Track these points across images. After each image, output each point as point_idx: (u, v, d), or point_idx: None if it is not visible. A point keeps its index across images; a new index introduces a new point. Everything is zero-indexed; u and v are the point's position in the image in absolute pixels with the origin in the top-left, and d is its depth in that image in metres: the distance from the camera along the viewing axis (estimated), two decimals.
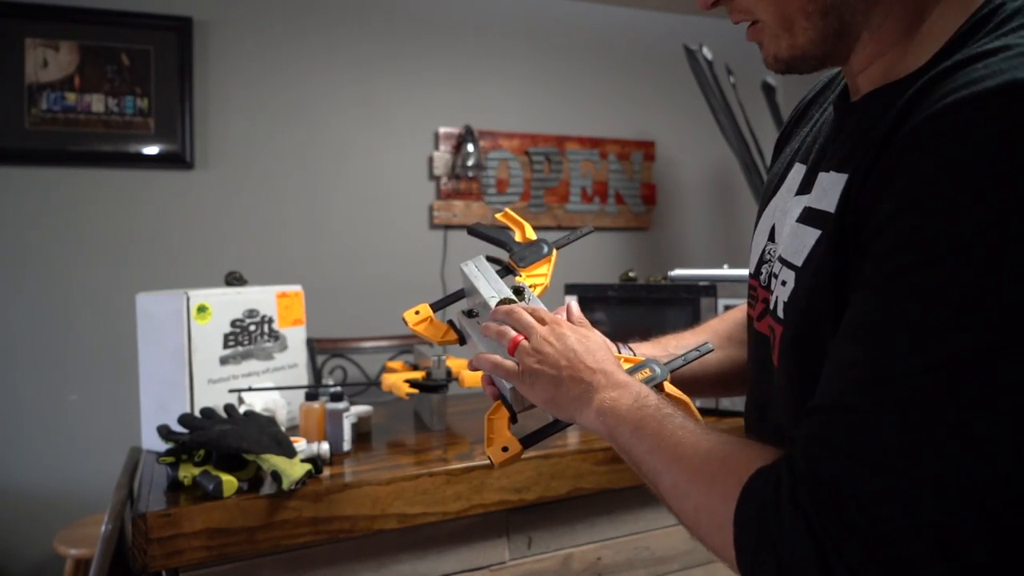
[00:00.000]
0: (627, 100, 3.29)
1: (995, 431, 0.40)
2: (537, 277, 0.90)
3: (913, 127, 0.45)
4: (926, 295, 0.42)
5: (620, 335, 1.06)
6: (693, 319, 1.61)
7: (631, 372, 0.72)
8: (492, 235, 0.93)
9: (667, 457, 0.56)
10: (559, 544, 1.26)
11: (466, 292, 0.90)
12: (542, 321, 0.72)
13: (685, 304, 1.62)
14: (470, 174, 2.96)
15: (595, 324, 1.02)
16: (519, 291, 0.85)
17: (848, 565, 0.41)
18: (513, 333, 0.72)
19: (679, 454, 0.55)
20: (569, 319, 0.79)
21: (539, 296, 0.87)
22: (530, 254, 0.90)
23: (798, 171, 0.66)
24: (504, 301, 0.81)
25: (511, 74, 3.09)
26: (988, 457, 0.40)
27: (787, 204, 0.65)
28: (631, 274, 1.80)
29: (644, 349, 0.88)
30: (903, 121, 0.46)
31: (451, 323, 0.87)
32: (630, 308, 1.70)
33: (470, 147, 2.90)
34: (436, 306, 0.89)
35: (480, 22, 3.05)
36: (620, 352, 0.86)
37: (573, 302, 0.82)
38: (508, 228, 0.95)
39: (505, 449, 0.74)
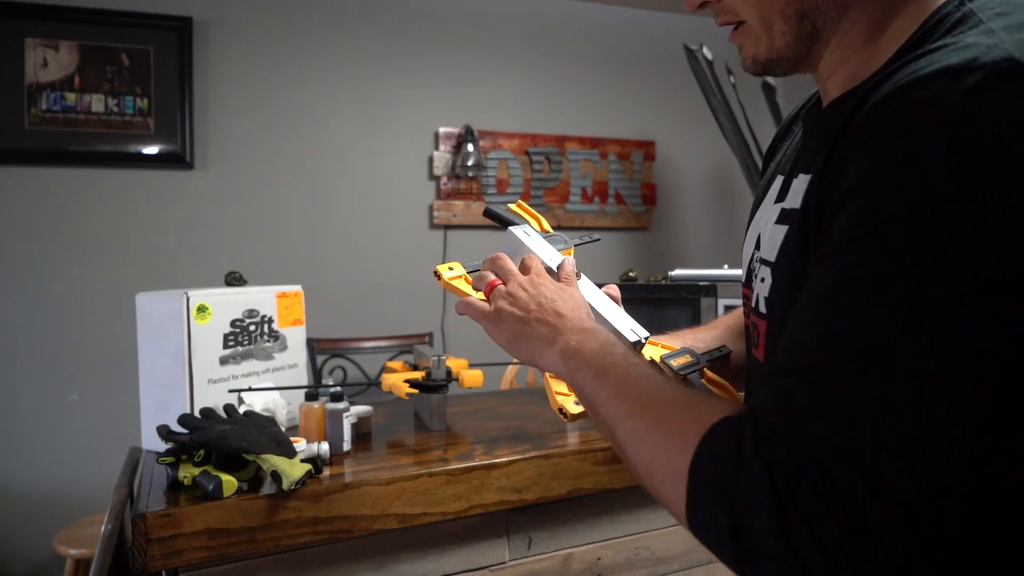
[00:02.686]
0: (627, 100, 3.29)
1: (948, 383, 0.40)
2: None
3: (860, 116, 0.48)
4: (872, 258, 0.43)
5: None
6: (693, 319, 1.61)
7: (674, 355, 0.72)
8: (509, 218, 0.89)
9: (629, 403, 0.55)
10: (559, 544, 1.26)
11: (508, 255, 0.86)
12: (527, 270, 0.73)
13: (685, 304, 1.62)
14: (470, 174, 2.96)
15: None
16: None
17: (808, 525, 0.41)
18: (492, 277, 0.73)
19: (642, 401, 0.54)
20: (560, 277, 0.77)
21: None
22: (552, 243, 0.86)
23: (778, 182, 0.69)
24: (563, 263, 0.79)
25: (511, 74, 3.09)
26: (943, 409, 0.40)
27: (769, 213, 0.68)
28: (631, 274, 1.80)
29: (664, 342, 0.88)
30: (854, 117, 0.50)
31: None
32: (630, 308, 1.69)
33: (470, 147, 2.90)
34: (469, 267, 0.85)
35: (480, 22, 3.05)
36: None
37: (615, 289, 0.82)
38: (522, 218, 0.91)
39: (578, 403, 0.67)
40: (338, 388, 1.23)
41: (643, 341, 0.75)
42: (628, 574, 1.32)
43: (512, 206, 0.94)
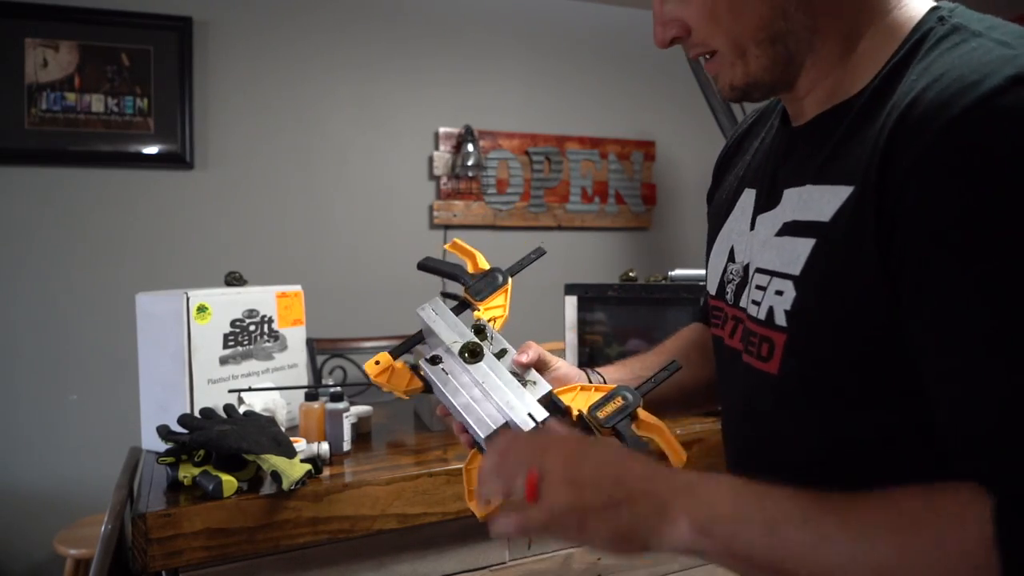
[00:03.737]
0: (627, 100, 3.29)
1: None
2: (495, 309, 0.86)
3: (934, 133, 0.47)
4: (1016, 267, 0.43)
5: (620, 335, 1.06)
6: (693, 319, 1.60)
7: (601, 403, 0.69)
8: (444, 269, 0.90)
9: (842, 540, 0.45)
10: (559, 544, 1.26)
11: (426, 336, 0.87)
12: (551, 444, 0.58)
13: (685, 304, 1.62)
14: (470, 174, 2.96)
15: (595, 324, 1.03)
16: (480, 330, 0.81)
17: None
18: (519, 477, 0.54)
19: (853, 531, 0.45)
20: (533, 366, 0.75)
21: (499, 329, 0.82)
22: (485, 286, 0.86)
23: (749, 195, 0.70)
24: (466, 346, 0.78)
25: (511, 74, 3.09)
26: None
27: (742, 225, 0.69)
28: (631, 274, 1.80)
29: (611, 373, 0.86)
30: (899, 131, 0.49)
31: (413, 369, 0.83)
32: (630, 308, 1.70)
33: (470, 147, 2.90)
34: (395, 353, 0.85)
35: (480, 22, 3.05)
36: (589, 378, 0.84)
37: (532, 348, 0.78)
38: (461, 259, 0.91)
39: (488, 501, 0.62)
40: (338, 388, 1.23)
41: (544, 420, 0.69)
42: (628, 574, 1.32)
43: (447, 246, 0.94)
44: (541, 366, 0.82)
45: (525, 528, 0.54)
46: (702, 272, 1.71)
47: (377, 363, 0.84)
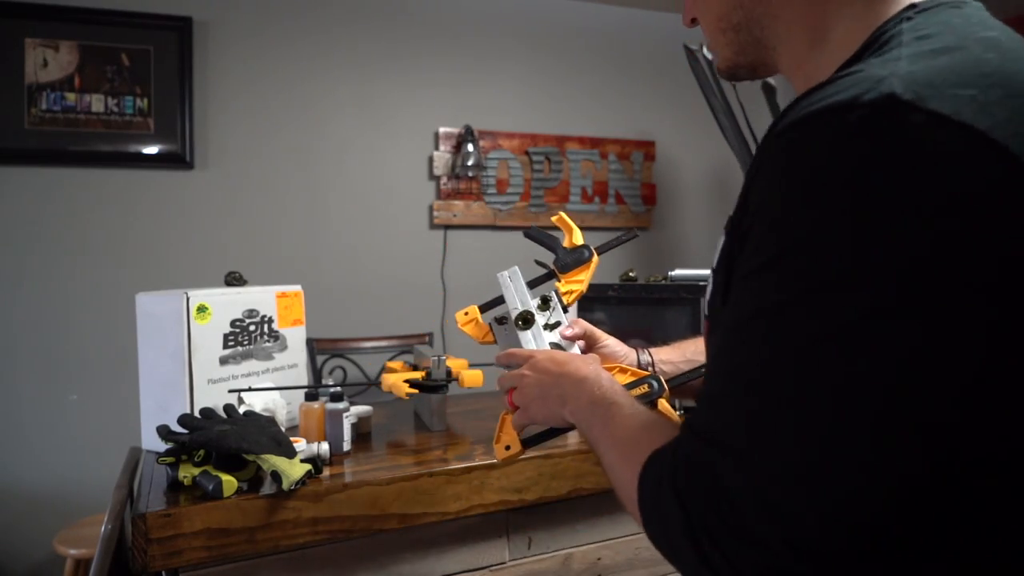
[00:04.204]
0: (627, 100, 3.29)
1: (834, 414, 0.42)
2: (574, 284, 0.98)
3: (763, 141, 0.51)
4: (768, 290, 0.46)
5: (620, 335, 1.07)
6: (693, 319, 1.61)
7: (630, 386, 0.80)
8: (544, 239, 1.02)
9: (607, 440, 0.65)
10: (559, 544, 1.26)
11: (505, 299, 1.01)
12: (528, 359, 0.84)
13: (685, 304, 1.62)
14: (470, 174, 2.96)
15: (595, 324, 1.05)
16: (545, 301, 0.95)
17: (720, 548, 0.45)
18: (508, 387, 0.84)
19: (615, 437, 0.63)
20: (584, 339, 0.98)
21: (572, 302, 0.96)
22: (572, 260, 0.98)
23: None
24: (521, 315, 0.93)
25: (511, 74, 3.09)
26: (828, 439, 0.42)
27: None
28: (631, 274, 1.80)
29: (663, 354, 0.97)
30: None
31: (490, 326, 0.98)
32: (630, 308, 1.70)
33: (470, 147, 2.90)
34: (483, 308, 1.01)
35: (480, 22, 3.05)
36: (639, 357, 0.98)
37: (579, 324, 0.93)
38: (561, 232, 1.04)
39: (508, 448, 0.83)
40: (338, 388, 1.23)
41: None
42: (628, 574, 1.32)
43: (553, 219, 1.07)
44: (591, 341, 1.01)
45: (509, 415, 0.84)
46: (702, 272, 1.71)
47: (466, 314, 0.99)
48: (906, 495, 0.42)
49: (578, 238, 1.00)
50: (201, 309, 1.26)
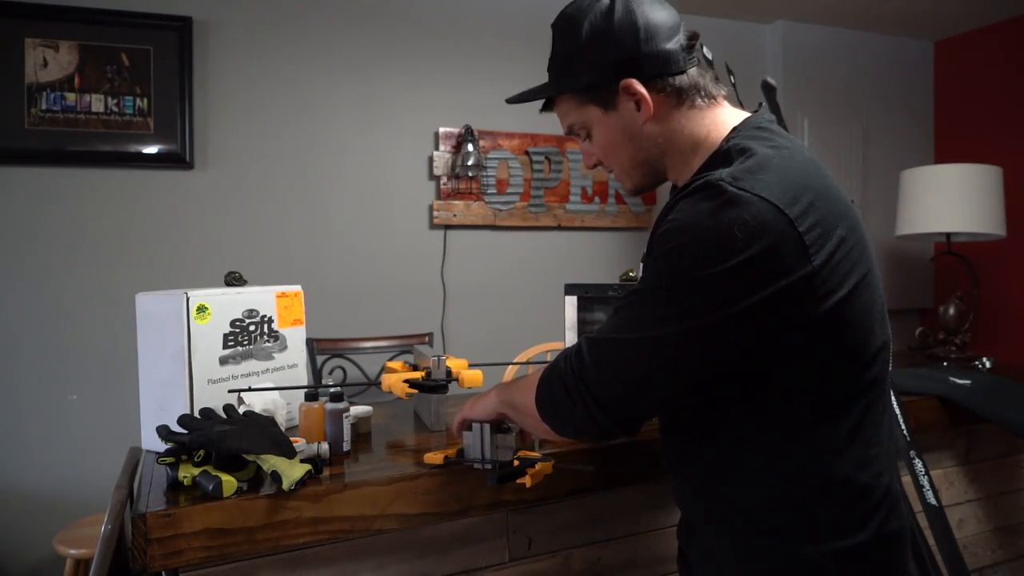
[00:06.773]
0: None
1: (649, 366, 0.84)
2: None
3: (664, 210, 0.93)
4: (640, 304, 0.87)
5: None
6: None
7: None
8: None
9: (519, 393, 1.02)
10: (559, 544, 1.26)
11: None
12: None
13: None
14: (470, 174, 2.96)
15: (595, 324, 1.08)
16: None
17: (582, 398, 0.88)
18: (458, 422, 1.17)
19: (521, 387, 1.03)
20: None
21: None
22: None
23: None
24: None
25: (511, 74, 3.09)
26: (641, 372, 0.85)
27: None
28: (631, 274, 1.79)
29: None
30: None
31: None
32: None
33: (470, 147, 2.90)
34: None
35: (480, 22, 3.05)
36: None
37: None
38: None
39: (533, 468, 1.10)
40: (338, 388, 1.23)
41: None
42: (628, 574, 1.32)
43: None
44: None
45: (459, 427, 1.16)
46: None
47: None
48: (658, 406, 0.95)
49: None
50: (201, 309, 1.26)
